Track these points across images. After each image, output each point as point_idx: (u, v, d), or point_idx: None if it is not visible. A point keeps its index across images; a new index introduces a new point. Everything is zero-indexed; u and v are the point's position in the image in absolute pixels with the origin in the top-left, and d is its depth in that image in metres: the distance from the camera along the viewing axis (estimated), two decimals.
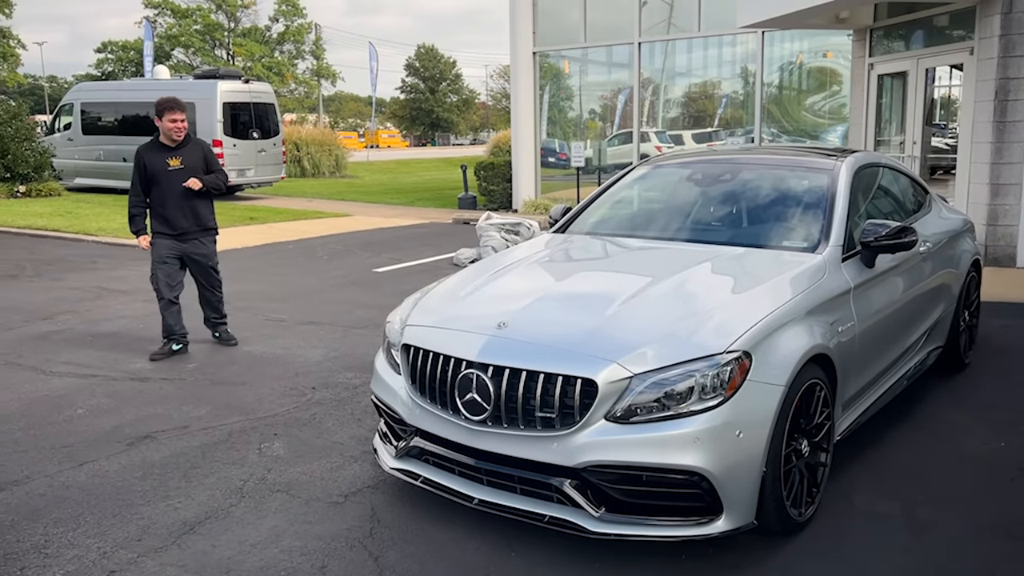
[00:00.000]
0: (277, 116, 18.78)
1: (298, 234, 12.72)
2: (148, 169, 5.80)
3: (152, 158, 5.82)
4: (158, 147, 5.84)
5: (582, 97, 16.36)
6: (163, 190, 5.81)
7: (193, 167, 5.86)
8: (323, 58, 49.28)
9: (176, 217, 5.87)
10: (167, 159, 5.79)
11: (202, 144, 6.07)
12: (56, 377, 5.43)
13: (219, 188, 6.02)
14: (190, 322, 6.23)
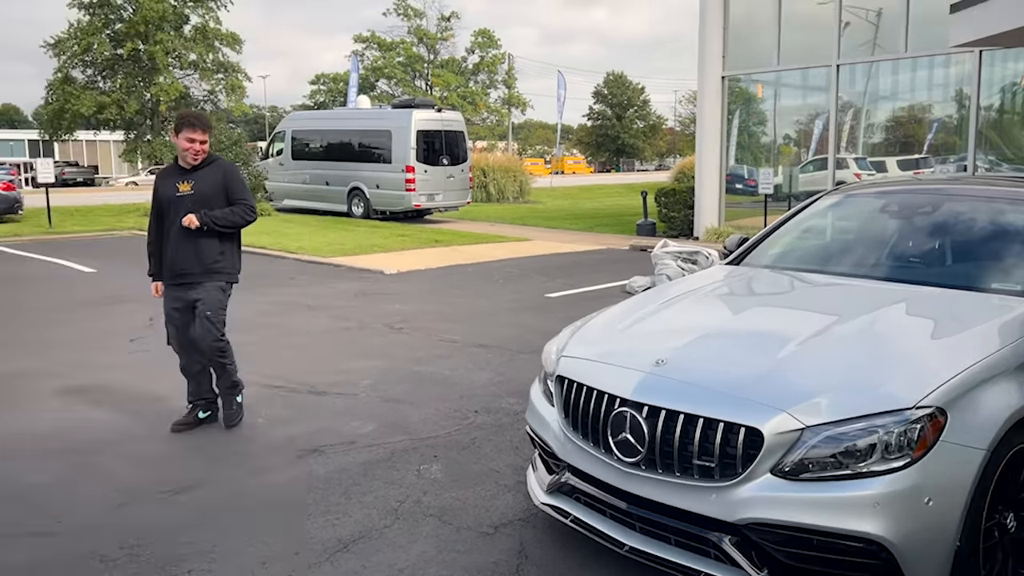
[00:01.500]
0: (466, 143, 19.47)
1: (478, 257, 13.02)
2: (158, 195, 4.80)
3: (163, 182, 4.78)
4: (174, 170, 4.83)
5: (774, 122, 15.67)
6: (169, 221, 4.74)
7: (206, 195, 4.69)
8: (514, 87, 50.72)
9: (174, 256, 4.71)
10: (177, 183, 4.71)
11: (226, 167, 4.87)
12: (249, 387, 5.80)
13: (231, 225, 4.76)
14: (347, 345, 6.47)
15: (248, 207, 4.79)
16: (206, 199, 4.70)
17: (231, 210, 4.72)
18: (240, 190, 4.79)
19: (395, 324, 7.94)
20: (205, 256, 4.72)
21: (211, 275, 4.76)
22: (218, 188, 4.73)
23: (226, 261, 4.83)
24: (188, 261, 4.71)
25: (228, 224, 4.74)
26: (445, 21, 47.33)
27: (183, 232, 4.65)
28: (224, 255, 4.80)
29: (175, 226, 4.67)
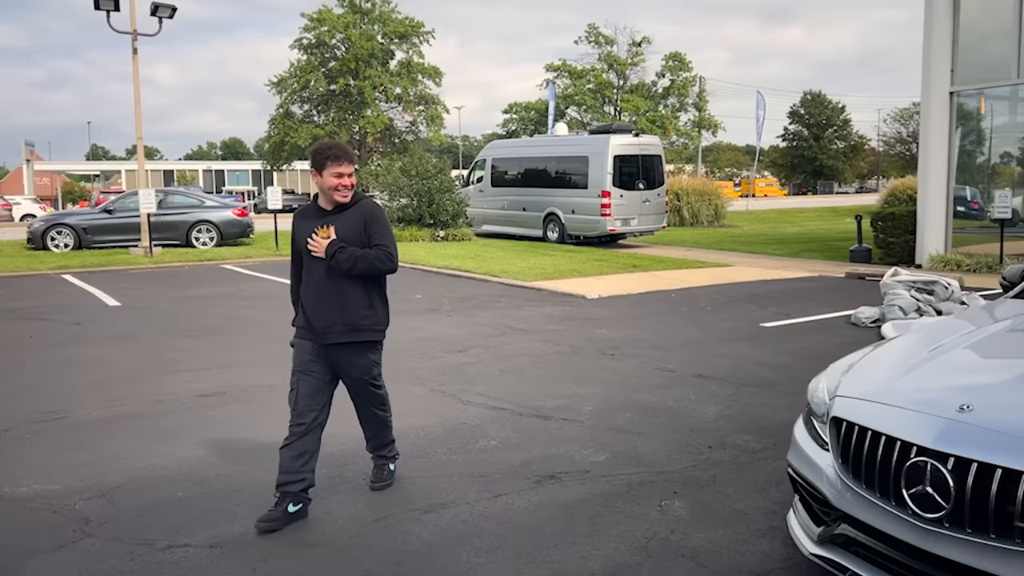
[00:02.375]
0: (663, 167, 19.22)
1: (680, 283, 12.73)
2: (296, 239, 4.15)
3: (301, 225, 4.13)
4: (312, 211, 4.16)
5: (1009, 140, 14.24)
6: (307, 267, 4.11)
7: (349, 241, 4.01)
8: (706, 109, 49.71)
9: (315, 309, 4.04)
10: (316, 227, 4.02)
11: (367, 207, 4.13)
12: (471, 407, 5.92)
13: (365, 270, 4.00)
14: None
15: (387, 254, 4.01)
16: (347, 244, 4.02)
17: (367, 252, 3.99)
18: (382, 234, 4.05)
19: (606, 350, 7.87)
20: (350, 310, 4.03)
21: (357, 333, 4.06)
22: (356, 230, 4.02)
23: (374, 316, 4.12)
24: (330, 316, 4.02)
25: (361, 267, 3.98)
26: (636, 47, 47.28)
27: (324, 283, 4.02)
28: (372, 309, 4.10)
29: (313, 276, 4.05)
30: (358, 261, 3.96)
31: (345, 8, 42.79)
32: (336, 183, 3.98)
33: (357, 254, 3.96)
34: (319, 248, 3.97)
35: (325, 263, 3.98)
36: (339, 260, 3.95)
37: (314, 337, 4.05)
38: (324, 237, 3.97)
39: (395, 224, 20.90)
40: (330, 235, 3.97)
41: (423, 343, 8.25)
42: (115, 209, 19.22)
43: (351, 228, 4.02)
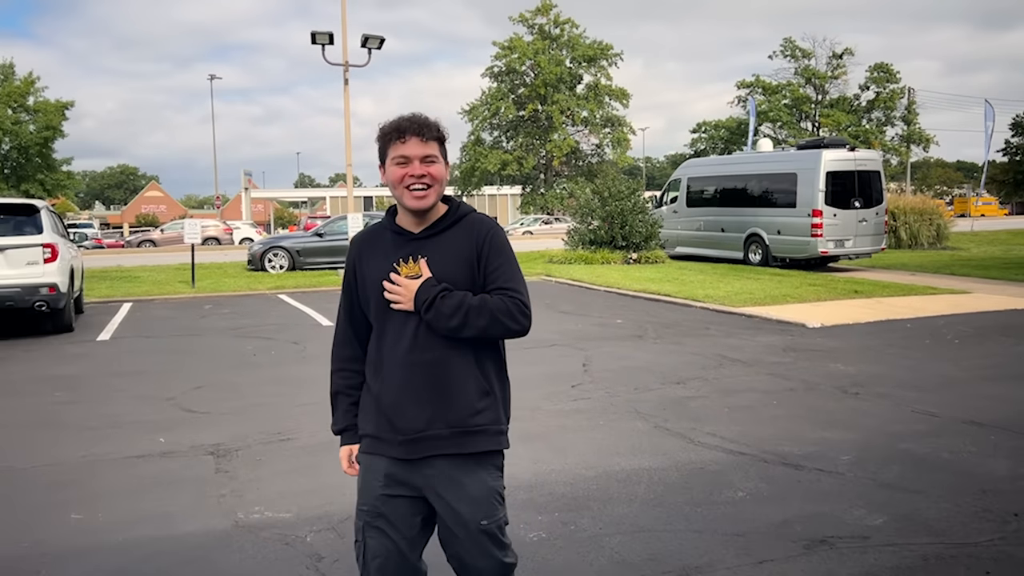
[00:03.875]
0: (882, 184, 17.62)
1: (913, 311, 11.39)
2: (360, 278, 2.51)
3: (368, 256, 2.51)
4: (388, 234, 2.51)
5: None
6: (379, 327, 2.48)
7: (449, 276, 2.40)
8: (915, 123, 45.96)
9: (396, 395, 2.41)
10: (397, 258, 2.43)
11: (479, 225, 2.47)
12: (704, 449, 5.32)
13: (495, 328, 2.37)
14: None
15: (520, 304, 2.36)
16: (452, 285, 2.38)
17: (486, 300, 2.34)
18: (508, 270, 2.40)
19: (847, 388, 6.98)
20: (459, 400, 2.38)
21: (469, 439, 2.40)
22: (465, 267, 2.39)
23: (494, 410, 2.43)
24: (424, 410, 2.37)
25: (479, 325, 2.33)
26: (837, 59, 44.64)
27: (411, 353, 2.37)
28: (491, 397, 2.42)
29: (393, 342, 2.40)
30: (473, 314, 2.30)
31: (535, 35, 43.48)
32: (401, 173, 2.34)
33: (471, 303, 2.31)
34: (403, 296, 2.34)
35: (414, 320, 2.34)
36: (440, 313, 2.30)
37: (394, 449, 2.38)
38: (410, 276, 2.36)
39: (586, 247, 20.57)
40: (421, 273, 2.35)
41: (634, 372, 7.73)
42: (325, 232, 20.25)
43: (452, 260, 2.37)
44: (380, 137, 2.43)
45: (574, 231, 21.58)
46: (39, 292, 10.04)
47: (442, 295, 2.32)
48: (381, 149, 2.44)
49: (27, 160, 35.47)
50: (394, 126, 2.39)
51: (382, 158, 2.44)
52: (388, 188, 2.44)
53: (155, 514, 4.32)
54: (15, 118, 34.89)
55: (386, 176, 2.42)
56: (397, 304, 2.35)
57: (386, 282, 2.37)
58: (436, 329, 2.33)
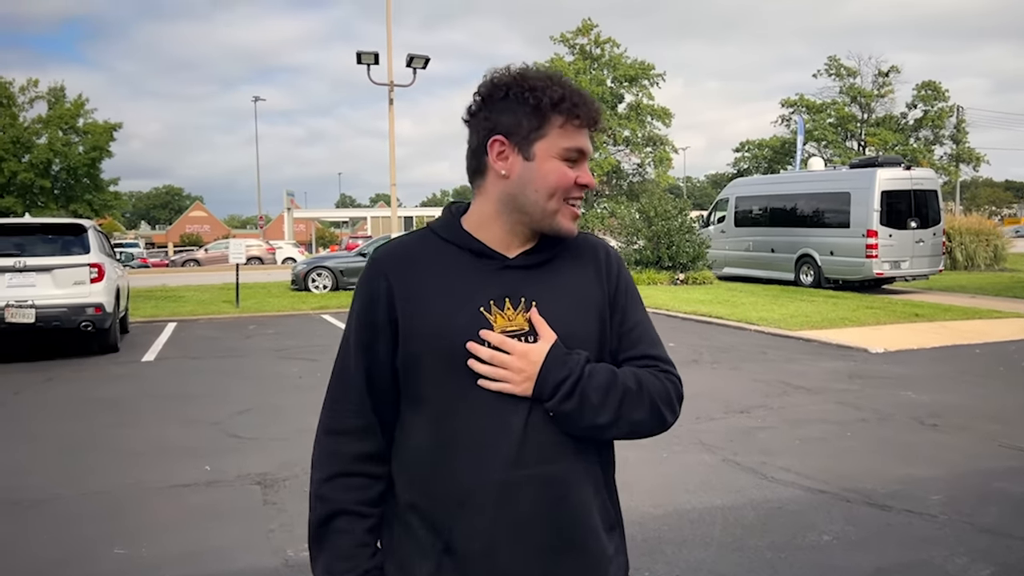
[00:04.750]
0: (939, 204, 17.03)
1: (979, 336, 10.86)
2: (405, 326, 1.43)
3: (423, 286, 1.43)
4: (458, 252, 1.46)
5: None
6: (446, 413, 1.41)
7: (575, 334, 1.44)
8: (965, 142, 44.83)
9: (494, 544, 1.38)
10: (487, 300, 1.41)
11: (603, 251, 1.54)
12: (780, 485, 4.97)
13: (650, 421, 1.45)
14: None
15: (679, 383, 1.52)
16: (571, 340, 1.44)
17: (641, 378, 1.46)
18: (647, 326, 1.57)
19: (923, 419, 6.56)
20: (589, 543, 1.45)
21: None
22: (597, 319, 1.49)
23: (623, 551, 1.58)
24: (539, 562, 1.40)
25: (637, 420, 1.44)
26: (883, 77, 43.79)
27: (516, 465, 1.39)
28: (617, 531, 1.56)
29: (464, 435, 1.41)
30: (629, 404, 1.43)
31: (576, 55, 43.37)
32: (572, 177, 1.44)
33: (626, 385, 1.43)
34: (514, 370, 1.39)
35: (522, 409, 1.40)
36: (586, 403, 1.39)
37: None
38: (511, 332, 1.42)
39: (632, 267, 20.21)
40: (527, 328, 1.43)
41: (695, 400, 7.36)
42: (368, 252, 20.21)
43: (576, 307, 1.48)
44: (529, 101, 1.38)
45: (619, 251, 21.22)
46: (85, 312, 9.99)
47: (589, 373, 1.40)
48: (521, 123, 1.40)
49: (76, 181, 36.15)
50: (566, 95, 1.39)
51: (540, 122, 1.39)
52: (511, 190, 1.42)
53: (200, 550, 4.10)
54: (65, 139, 35.63)
55: (524, 170, 1.41)
56: (496, 384, 1.38)
57: (476, 345, 1.38)
58: (563, 426, 1.40)
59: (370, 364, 1.47)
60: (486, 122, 1.44)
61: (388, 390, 1.48)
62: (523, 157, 1.43)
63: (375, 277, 1.47)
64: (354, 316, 1.50)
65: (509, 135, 1.42)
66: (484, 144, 1.44)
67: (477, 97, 1.46)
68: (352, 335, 1.49)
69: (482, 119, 1.45)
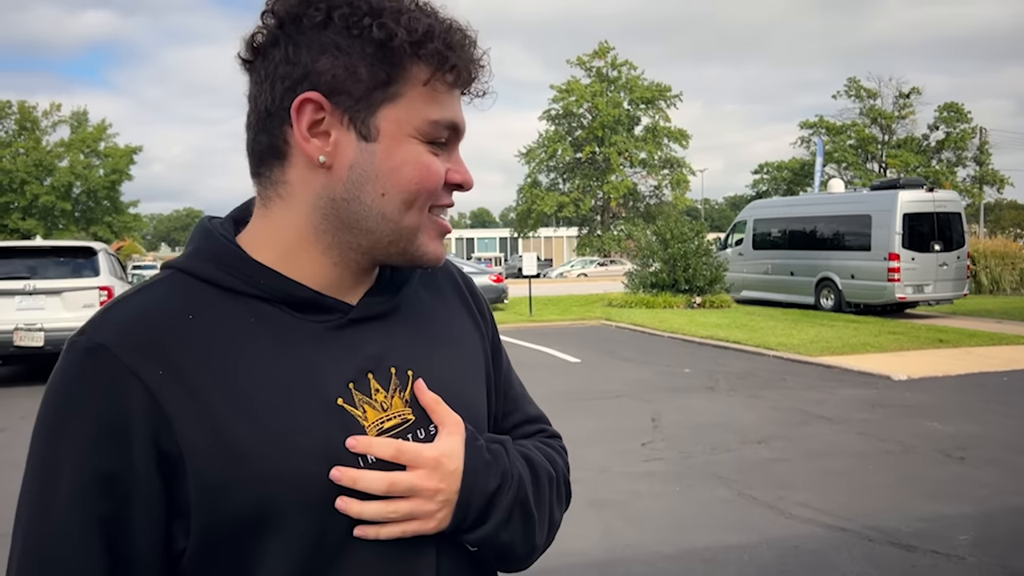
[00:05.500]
0: (963, 226, 16.69)
1: (1006, 363, 10.52)
2: (196, 467, 0.78)
3: (221, 393, 0.80)
4: (274, 311, 0.85)
5: None
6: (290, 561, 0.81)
7: (470, 408, 0.94)
8: (988, 163, 44.36)
9: None
10: (339, 385, 0.85)
11: (455, 274, 1.07)
12: (798, 522, 4.72)
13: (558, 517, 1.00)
14: None
15: (563, 446, 1.09)
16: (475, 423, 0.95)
17: (555, 459, 1.03)
18: (514, 373, 1.12)
19: (949, 451, 6.28)
20: None
21: None
22: (483, 378, 1.02)
23: None
24: None
25: (557, 521, 1.00)
26: (904, 98, 43.54)
27: None
28: None
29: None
30: (555, 503, 1.00)
31: (593, 78, 43.47)
32: (440, 173, 0.88)
33: (550, 474, 1.00)
34: (426, 497, 0.85)
35: (427, 552, 0.87)
36: (529, 520, 0.94)
37: None
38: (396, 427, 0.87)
39: (647, 290, 19.98)
40: (439, 416, 0.89)
41: (710, 430, 7.13)
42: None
43: (457, 360, 0.98)
44: (372, 34, 0.82)
45: (634, 273, 21.01)
46: None
47: (522, 474, 0.95)
48: (356, 71, 0.83)
49: (96, 203, 36.57)
50: (435, 29, 0.84)
51: (347, 90, 0.83)
52: (338, 191, 0.86)
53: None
54: (86, 163, 36.08)
55: (360, 157, 0.85)
56: (394, 527, 0.84)
57: (352, 472, 0.82)
58: (497, 564, 0.97)
59: (116, 562, 0.79)
60: (289, 67, 0.83)
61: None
62: (358, 134, 0.84)
63: (109, 383, 0.79)
64: (65, 465, 0.79)
65: (333, 93, 0.83)
66: (287, 106, 0.84)
67: (269, 19, 0.85)
68: (65, 509, 0.78)
69: (280, 61, 0.84)
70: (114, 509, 0.79)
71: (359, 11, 0.81)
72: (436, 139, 0.87)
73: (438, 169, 0.87)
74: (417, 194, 0.86)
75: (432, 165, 0.86)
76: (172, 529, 0.80)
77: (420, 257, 0.90)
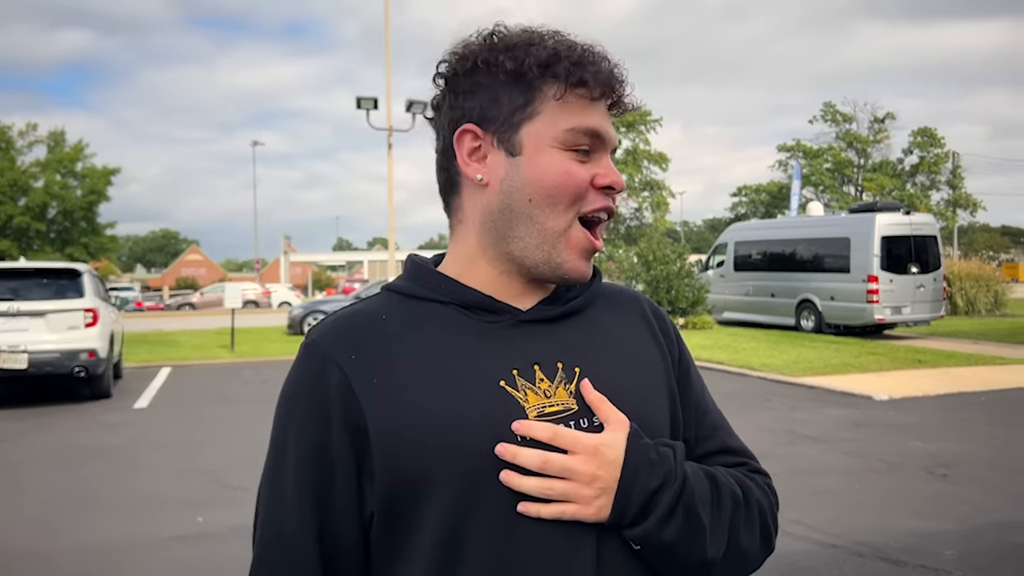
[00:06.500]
0: (939, 249, 17.02)
1: (984, 383, 10.73)
2: (385, 443, 0.91)
3: (402, 376, 0.94)
4: (457, 313, 0.99)
5: None
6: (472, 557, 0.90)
7: (646, 413, 0.99)
8: (961, 187, 45.20)
9: None
10: (504, 371, 0.94)
11: (642, 301, 1.11)
12: (790, 539, 4.78)
13: (763, 551, 1.05)
14: None
15: (770, 482, 1.12)
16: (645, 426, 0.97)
17: (749, 485, 1.04)
18: (716, 408, 1.19)
19: (933, 469, 6.41)
20: None
21: None
22: (667, 392, 1.05)
23: None
24: None
25: (745, 548, 1.00)
26: (879, 123, 44.34)
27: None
28: None
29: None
30: (739, 524, 0.99)
31: None
32: (584, 177, 0.97)
33: (734, 493, 1.00)
34: (580, 476, 0.89)
35: (588, 539, 0.91)
36: (697, 524, 0.93)
37: None
38: (557, 413, 0.94)
39: None
40: (603, 412, 0.94)
41: None
42: (365, 297, 20.08)
43: (632, 367, 1.03)
44: (506, 66, 0.96)
45: None
46: (78, 357, 9.85)
47: (689, 477, 0.96)
48: (498, 100, 0.97)
49: (72, 224, 36.21)
50: (560, 51, 0.96)
51: (493, 117, 0.98)
52: (495, 204, 0.99)
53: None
54: (63, 183, 35.78)
55: (509, 170, 0.98)
56: (552, 507, 0.90)
57: (514, 448, 0.90)
58: (658, 565, 0.96)
59: (323, 525, 0.94)
60: (452, 112, 0.99)
61: (351, 563, 0.96)
62: (505, 151, 0.97)
63: (318, 370, 0.95)
64: (289, 439, 0.96)
65: (483, 121, 0.97)
66: (451, 143, 0.99)
67: (438, 80, 1.01)
68: (289, 474, 0.95)
69: (447, 110, 1.00)
70: (322, 475, 0.94)
71: (496, 52, 0.97)
72: (578, 146, 0.97)
73: (578, 172, 0.96)
74: (560, 196, 0.96)
75: (571, 168, 0.96)
76: (364, 494, 0.94)
77: (561, 265, 0.98)
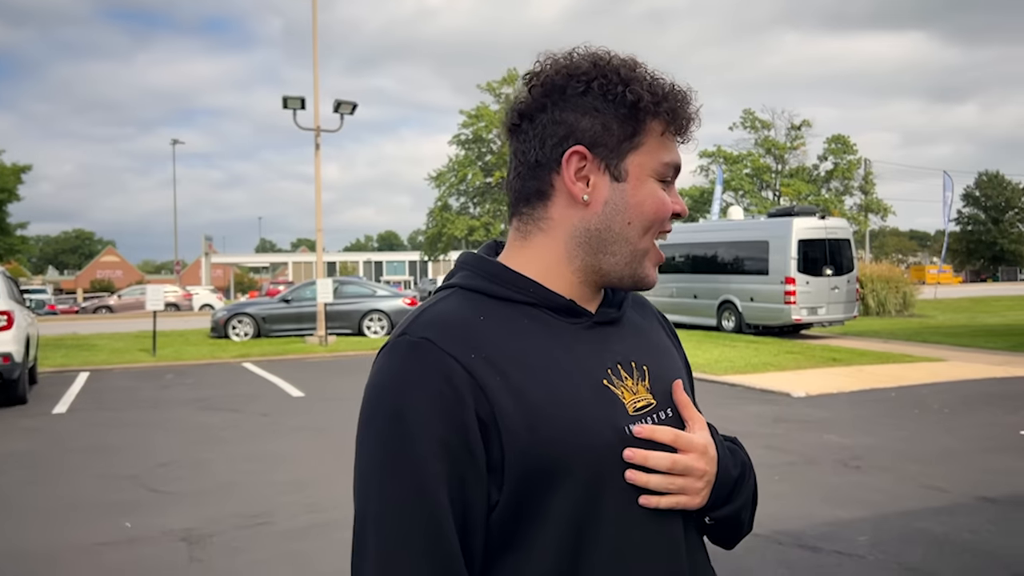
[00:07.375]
0: (852, 252, 17.80)
1: (894, 380, 11.30)
2: (514, 437, 0.96)
3: (521, 370, 0.99)
4: (544, 314, 1.06)
5: None
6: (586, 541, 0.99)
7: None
8: (872, 193, 47.23)
9: None
10: (603, 370, 1.05)
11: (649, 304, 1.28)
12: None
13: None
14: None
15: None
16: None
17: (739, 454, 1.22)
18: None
19: (847, 461, 6.76)
20: None
21: None
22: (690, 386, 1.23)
23: None
24: None
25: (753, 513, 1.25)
26: (795, 130, 45.95)
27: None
28: None
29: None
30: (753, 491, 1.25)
31: (502, 104, 44.05)
32: (666, 204, 1.09)
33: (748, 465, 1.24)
34: (695, 472, 1.05)
35: (676, 524, 1.06)
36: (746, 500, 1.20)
37: None
38: (642, 408, 1.07)
39: None
40: (687, 411, 1.12)
41: None
42: (292, 299, 19.80)
43: (676, 368, 1.20)
44: (625, 99, 1.04)
45: None
46: None
47: (749, 464, 1.22)
48: (611, 129, 1.05)
49: None
50: (669, 92, 1.07)
51: (604, 143, 1.05)
52: (593, 223, 1.07)
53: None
54: None
55: (613, 195, 1.06)
56: (669, 498, 1.03)
57: (645, 453, 1.02)
58: (714, 535, 1.21)
59: (463, 518, 0.96)
60: (556, 127, 1.05)
61: (477, 556, 0.99)
62: (611, 176, 1.06)
63: (439, 366, 0.96)
64: (413, 434, 0.94)
65: (593, 146, 1.04)
66: (556, 157, 1.05)
67: (537, 91, 1.06)
68: (417, 469, 0.94)
69: (548, 123, 1.05)
70: (456, 469, 0.95)
71: (612, 81, 1.04)
72: (664, 177, 1.09)
73: (667, 201, 1.09)
74: (653, 222, 1.08)
75: (665, 199, 1.09)
76: (489, 485, 0.97)
77: (643, 278, 1.11)
